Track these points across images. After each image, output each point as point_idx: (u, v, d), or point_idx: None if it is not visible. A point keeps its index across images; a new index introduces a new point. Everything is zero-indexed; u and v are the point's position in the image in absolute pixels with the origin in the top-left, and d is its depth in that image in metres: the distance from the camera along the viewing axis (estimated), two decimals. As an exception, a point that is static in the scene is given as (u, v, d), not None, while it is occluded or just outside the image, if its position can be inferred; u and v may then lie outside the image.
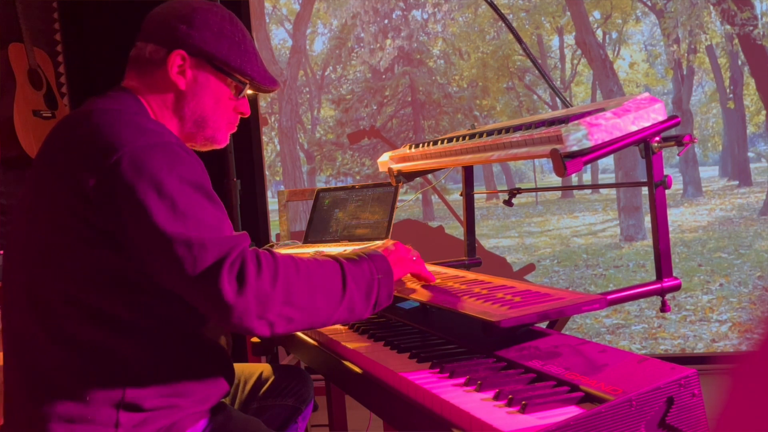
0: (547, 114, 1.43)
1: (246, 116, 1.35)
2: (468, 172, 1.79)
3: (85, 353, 1.09)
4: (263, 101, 4.22)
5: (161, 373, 1.13)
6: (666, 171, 1.25)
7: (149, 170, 1.05)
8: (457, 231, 4.00)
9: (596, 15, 4.22)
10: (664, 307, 1.29)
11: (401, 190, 2.08)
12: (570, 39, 4.43)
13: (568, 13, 4.26)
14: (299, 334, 1.46)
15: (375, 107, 4.32)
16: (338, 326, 1.42)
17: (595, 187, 4.97)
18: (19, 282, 1.15)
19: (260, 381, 1.58)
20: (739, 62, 3.91)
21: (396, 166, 1.73)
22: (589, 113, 1.16)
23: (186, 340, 1.18)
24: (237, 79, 1.28)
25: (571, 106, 1.51)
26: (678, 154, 2.88)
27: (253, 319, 1.03)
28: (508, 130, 1.32)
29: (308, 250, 1.95)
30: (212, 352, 1.24)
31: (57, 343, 1.10)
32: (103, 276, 1.09)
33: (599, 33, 4.24)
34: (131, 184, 1.04)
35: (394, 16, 4.29)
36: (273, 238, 3.52)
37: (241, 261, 1.03)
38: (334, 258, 1.17)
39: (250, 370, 1.61)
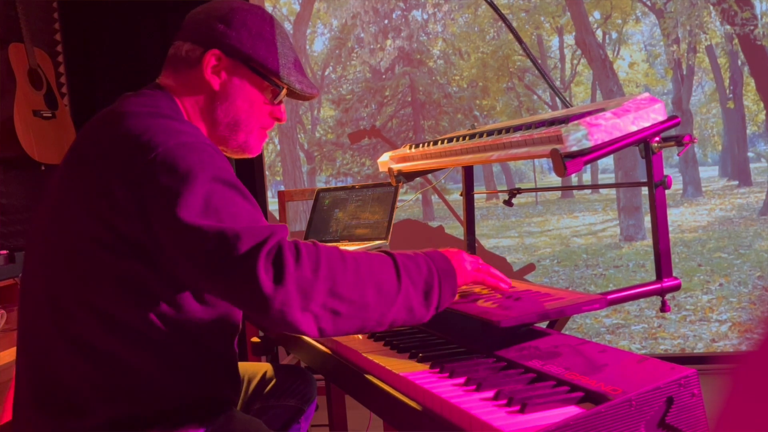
0: (547, 114, 1.43)
1: (282, 122, 1.30)
2: (468, 172, 1.79)
3: (96, 358, 1.08)
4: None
5: (170, 382, 1.12)
6: (666, 171, 1.25)
7: (181, 168, 1.02)
8: (457, 231, 4.00)
9: (596, 15, 4.22)
10: (663, 307, 1.29)
11: (401, 190, 2.08)
12: (570, 39, 4.43)
13: (568, 14, 4.26)
14: (299, 334, 1.46)
15: (375, 107, 4.32)
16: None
17: (595, 187, 4.97)
18: (38, 283, 1.14)
19: (264, 381, 1.58)
20: (739, 62, 3.91)
21: (396, 166, 1.73)
22: (589, 113, 1.17)
23: (199, 350, 1.16)
24: (274, 83, 1.25)
25: (571, 106, 1.51)
26: (678, 154, 2.88)
27: (296, 311, 0.96)
28: (508, 130, 1.32)
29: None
30: (223, 362, 1.22)
31: (69, 347, 1.09)
32: (122, 285, 1.07)
33: (599, 33, 4.24)
34: (163, 181, 1.01)
35: (394, 16, 4.29)
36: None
37: (278, 249, 0.97)
38: (386, 252, 1.10)
39: (254, 370, 1.60)
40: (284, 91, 1.27)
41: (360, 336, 1.34)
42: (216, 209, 1.00)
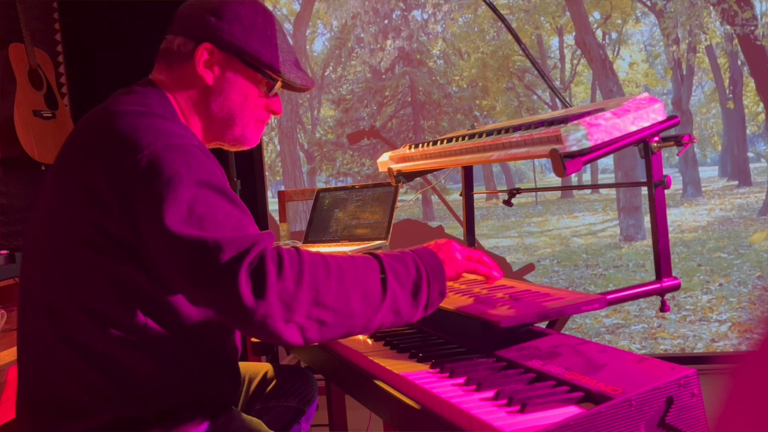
0: (547, 114, 1.43)
1: (278, 115, 1.28)
2: (468, 172, 1.79)
3: (94, 361, 1.08)
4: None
5: (169, 383, 1.11)
6: (665, 171, 1.25)
7: (167, 171, 1.00)
8: (457, 231, 4.00)
9: (596, 15, 4.22)
10: (663, 307, 1.29)
11: (401, 190, 2.08)
12: (570, 39, 4.43)
13: (568, 14, 4.26)
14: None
15: (375, 107, 4.32)
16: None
17: (594, 187, 4.97)
18: (34, 286, 1.13)
19: (264, 381, 1.58)
20: (739, 62, 3.91)
21: (396, 166, 1.73)
22: (588, 113, 1.17)
23: (197, 350, 1.15)
24: (268, 75, 1.22)
25: (571, 106, 1.51)
26: (677, 154, 2.88)
27: (278, 322, 0.94)
28: (507, 130, 1.32)
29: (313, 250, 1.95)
30: (222, 361, 1.21)
31: (66, 349, 1.08)
32: (116, 286, 1.06)
33: (599, 33, 4.24)
34: (148, 185, 0.99)
35: (394, 16, 4.29)
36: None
37: (261, 259, 0.95)
38: (372, 254, 1.07)
39: (255, 369, 1.60)
40: (279, 84, 1.25)
41: (361, 336, 1.34)
42: (200, 216, 0.98)
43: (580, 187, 4.80)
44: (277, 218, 2.84)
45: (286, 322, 0.95)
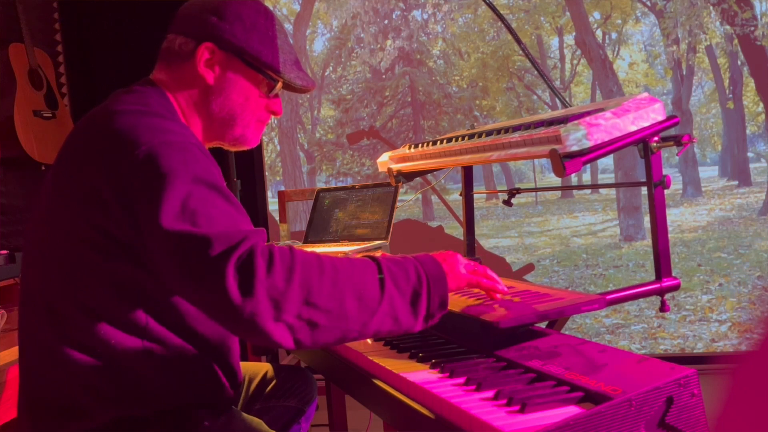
0: (547, 114, 1.43)
1: (278, 116, 1.28)
2: (467, 172, 1.79)
3: (94, 361, 1.07)
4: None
5: (169, 382, 1.11)
6: (665, 171, 1.25)
7: (163, 167, 1.00)
8: (456, 231, 4.00)
9: (596, 15, 4.21)
10: (663, 307, 1.29)
11: (401, 190, 2.08)
12: (570, 39, 4.42)
13: (568, 14, 4.26)
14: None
15: (375, 107, 4.32)
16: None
17: (594, 187, 4.97)
18: (35, 286, 1.13)
19: (264, 381, 1.58)
20: (739, 62, 3.91)
21: (395, 166, 1.73)
22: (588, 113, 1.17)
23: (196, 349, 1.15)
24: (268, 76, 1.22)
25: (571, 106, 1.51)
26: (677, 154, 2.89)
27: (267, 321, 0.91)
28: (507, 130, 1.32)
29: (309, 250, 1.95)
30: (222, 361, 1.21)
31: (67, 349, 1.08)
32: (116, 286, 1.06)
33: (599, 33, 4.24)
34: (145, 181, 1.00)
35: (394, 16, 4.29)
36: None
37: (249, 255, 0.92)
38: (372, 257, 1.05)
39: (254, 370, 1.60)
40: (279, 84, 1.25)
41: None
42: (192, 212, 0.97)
43: (580, 187, 4.79)
44: (277, 218, 2.84)
45: (275, 321, 0.92)
